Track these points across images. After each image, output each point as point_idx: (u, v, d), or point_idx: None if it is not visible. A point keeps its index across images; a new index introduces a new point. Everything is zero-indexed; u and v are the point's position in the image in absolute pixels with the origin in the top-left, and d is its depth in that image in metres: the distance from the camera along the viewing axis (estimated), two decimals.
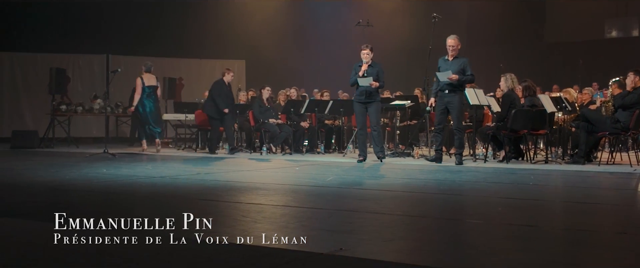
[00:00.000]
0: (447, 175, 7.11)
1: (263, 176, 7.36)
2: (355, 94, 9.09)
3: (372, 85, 8.77)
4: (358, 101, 8.99)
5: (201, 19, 16.88)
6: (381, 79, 8.94)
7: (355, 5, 17.62)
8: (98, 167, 7.91)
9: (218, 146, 11.62)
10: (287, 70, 17.26)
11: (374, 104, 8.95)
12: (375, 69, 8.93)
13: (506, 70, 10.69)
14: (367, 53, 8.92)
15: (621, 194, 5.96)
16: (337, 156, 10.51)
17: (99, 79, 15.95)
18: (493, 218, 4.32)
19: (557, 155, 9.50)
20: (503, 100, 9.26)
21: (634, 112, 8.19)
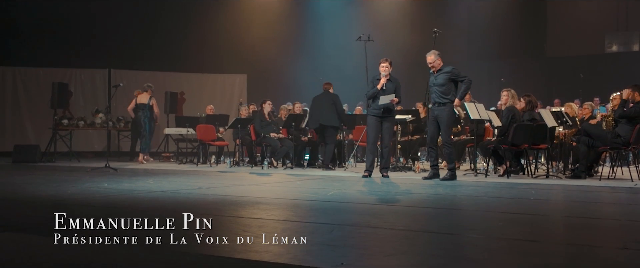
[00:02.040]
0: (448, 190, 7.11)
1: (264, 190, 7.36)
2: (372, 107, 8.92)
3: (393, 101, 8.67)
4: (373, 115, 8.84)
5: (203, 33, 16.96)
6: (399, 93, 8.84)
7: (357, 19, 17.69)
8: (99, 182, 7.91)
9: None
10: (288, 85, 17.30)
11: (390, 119, 8.88)
12: (393, 84, 8.83)
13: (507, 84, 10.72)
14: (386, 66, 8.80)
15: (622, 209, 5.95)
16: (339, 170, 10.51)
17: (101, 93, 16.00)
18: (494, 232, 4.31)
19: (558, 170, 9.50)
20: (504, 115, 9.27)
21: (635, 127, 8.20)
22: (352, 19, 17.76)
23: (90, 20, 15.76)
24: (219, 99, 16.41)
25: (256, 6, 17.99)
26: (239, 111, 12.92)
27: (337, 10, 18.20)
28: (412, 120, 11.02)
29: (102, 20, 15.83)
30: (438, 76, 8.46)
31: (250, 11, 17.88)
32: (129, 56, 16.03)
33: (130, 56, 16.04)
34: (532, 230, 4.49)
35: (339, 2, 18.41)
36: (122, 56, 15.95)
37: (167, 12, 16.60)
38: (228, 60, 17.21)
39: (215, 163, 11.94)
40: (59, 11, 15.29)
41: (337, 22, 17.83)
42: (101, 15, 15.81)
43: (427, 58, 8.58)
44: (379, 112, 8.77)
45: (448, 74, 8.38)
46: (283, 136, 11.38)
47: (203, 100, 15.58)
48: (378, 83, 8.78)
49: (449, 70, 8.41)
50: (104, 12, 15.81)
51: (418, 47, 15.85)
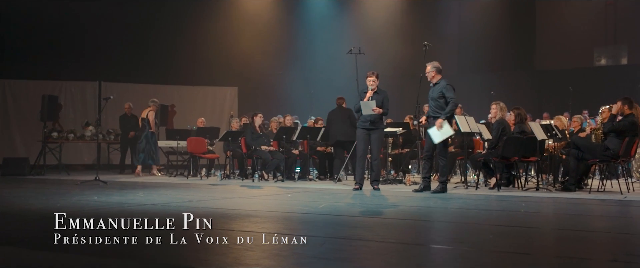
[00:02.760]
0: (439, 203, 7.12)
1: (255, 203, 7.34)
2: (360, 120, 8.99)
3: (374, 111, 8.72)
4: (362, 127, 8.90)
5: (194, 46, 16.97)
6: (386, 106, 8.85)
7: (347, 32, 17.76)
8: (89, 195, 7.87)
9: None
10: (279, 97, 17.32)
11: (378, 131, 8.89)
12: (381, 95, 8.87)
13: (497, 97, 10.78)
14: (373, 80, 8.86)
15: (612, 222, 5.98)
16: (330, 183, 10.50)
17: (91, 105, 15.94)
18: (485, 245, 4.32)
19: (548, 183, 9.53)
20: (494, 128, 9.31)
21: (624, 140, 8.25)
22: (343, 32, 17.84)
23: (80, 32, 15.73)
24: (209, 112, 16.39)
25: (247, 19, 18.04)
26: (229, 124, 12.91)
27: (328, 23, 18.27)
28: (403, 133, 11.04)
29: (93, 33, 15.81)
30: (434, 89, 8.53)
31: (241, 24, 17.92)
32: (119, 68, 16.00)
33: (121, 68, 16.01)
34: (522, 242, 4.50)
35: (329, 15, 18.48)
36: (112, 68, 15.92)
37: (158, 25, 16.61)
38: (219, 73, 17.22)
39: (206, 176, 11.91)
40: (48, 23, 15.27)
41: (328, 35, 17.89)
42: (91, 28, 15.79)
43: (426, 67, 8.66)
44: (367, 124, 8.82)
45: (442, 88, 8.43)
46: (274, 149, 11.37)
47: (194, 112, 15.55)
48: (365, 96, 8.85)
49: (443, 85, 8.46)
50: (95, 24, 15.80)
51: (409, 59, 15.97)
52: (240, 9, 18.10)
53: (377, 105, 8.72)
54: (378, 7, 18.76)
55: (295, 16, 18.66)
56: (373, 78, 8.88)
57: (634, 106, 8.47)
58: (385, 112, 8.90)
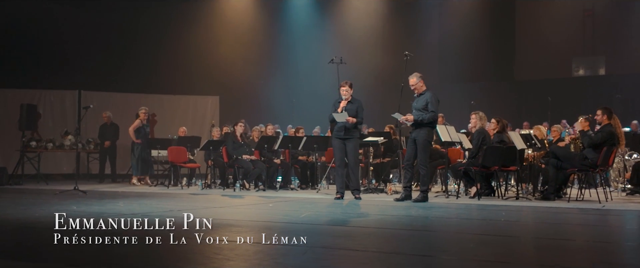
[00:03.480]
0: (420, 212, 7.15)
1: (236, 213, 7.31)
2: (335, 130, 9.03)
3: (348, 121, 8.77)
4: (337, 137, 8.94)
5: (174, 55, 16.89)
6: (360, 115, 8.88)
7: (330, 41, 17.82)
8: (68, 204, 7.78)
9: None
10: (261, 106, 17.30)
11: (353, 140, 8.91)
12: (355, 105, 8.90)
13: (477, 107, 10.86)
14: (346, 89, 8.91)
15: (591, 230, 6.04)
16: (311, 192, 10.50)
17: (70, 114, 15.79)
18: (466, 254, 4.34)
19: (527, 192, 9.61)
20: (475, 137, 9.38)
21: (602, 149, 8.35)
22: (324, 41, 17.90)
23: (60, 41, 15.59)
24: (191, 121, 16.32)
25: (229, 28, 18.03)
26: (211, 133, 12.87)
27: (310, 32, 18.32)
28: (384, 142, 11.08)
29: (72, 41, 15.68)
30: (419, 99, 8.57)
31: (223, 33, 17.90)
32: (99, 77, 15.87)
33: (101, 77, 15.88)
34: (503, 251, 4.53)
35: (311, 24, 18.54)
36: (92, 77, 15.78)
37: (139, 33, 16.52)
38: (200, 82, 17.16)
39: (187, 186, 11.85)
40: (27, 31, 15.12)
41: (309, 44, 17.95)
42: (71, 36, 15.67)
43: (409, 80, 8.67)
44: (341, 134, 8.87)
45: (427, 99, 8.48)
46: (255, 158, 11.34)
47: (175, 122, 15.47)
48: (339, 106, 8.88)
49: (429, 96, 8.50)
50: (74, 32, 15.68)
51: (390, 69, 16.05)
52: (221, 18, 18.09)
53: (351, 114, 8.77)
54: (360, 16, 18.86)
55: (277, 25, 18.70)
56: (346, 87, 8.94)
57: (613, 116, 8.59)
58: (360, 121, 8.94)
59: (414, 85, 8.62)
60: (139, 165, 12.72)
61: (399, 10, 18.94)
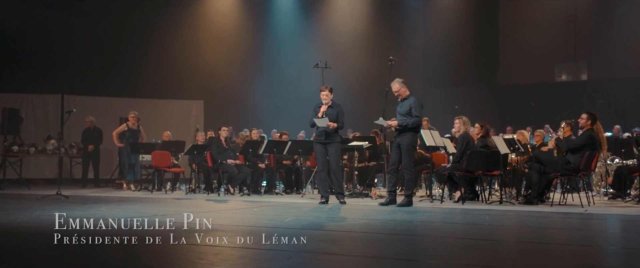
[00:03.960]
0: (405, 216, 7.16)
1: (220, 217, 7.28)
2: (315, 134, 9.07)
3: (329, 126, 8.79)
4: (318, 142, 8.98)
5: (158, 59, 16.81)
6: (340, 120, 8.91)
7: (314, 45, 17.83)
8: (50, 210, 7.70)
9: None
10: (246, 111, 17.26)
11: (334, 144, 8.94)
12: (335, 110, 8.94)
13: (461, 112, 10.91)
14: (327, 94, 8.95)
15: (573, 234, 6.09)
16: (296, 197, 10.49)
17: (53, 119, 15.66)
18: (450, 258, 4.36)
19: (511, 196, 9.66)
20: (459, 142, 9.42)
21: (584, 154, 8.42)
22: (309, 45, 17.90)
23: (42, 44, 15.47)
24: (175, 125, 16.24)
25: (213, 32, 17.98)
26: (195, 137, 12.82)
27: (295, 37, 18.32)
28: (369, 146, 11.10)
29: (55, 45, 15.57)
30: (403, 104, 8.61)
31: (207, 37, 17.86)
32: (83, 81, 15.75)
33: (84, 81, 15.77)
34: (487, 255, 4.55)
35: (296, 28, 18.54)
36: (76, 81, 15.66)
37: (123, 38, 16.44)
38: (184, 86, 17.09)
39: (171, 190, 11.79)
40: (9, 35, 14.98)
41: (294, 49, 17.94)
42: (54, 40, 15.55)
43: (392, 86, 8.69)
44: (322, 138, 8.90)
45: (411, 104, 8.51)
46: (240, 162, 11.31)
47: (159, 126, 15.40)
48: (319, 110, 8.91)
49: (412, 101, 8.53)
50: (57, 36, 15.57)
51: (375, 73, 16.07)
52: (206, 22, 18.04)
53: (332, 119, 8.80)
54: (345, 20, 18.89)
55: (261, 29, 18.68)
56: (326, 92, 8.97)
57: (596, 122, 8.67)
58: (340, 126, 8.97)
59: (397, 91, 8.66)
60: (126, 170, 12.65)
61: (384, 14, 18.99)
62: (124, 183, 12.64)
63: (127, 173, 12.60)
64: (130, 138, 12.56)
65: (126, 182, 12.58)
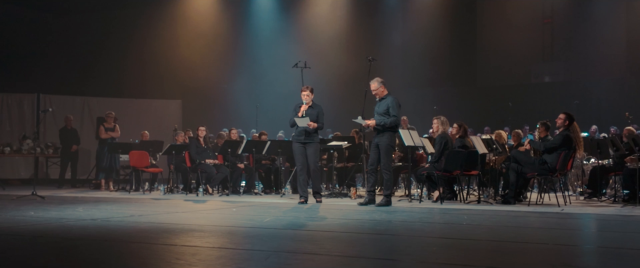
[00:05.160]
0: (384, 216, 7.17)
1: (199, 218, 7.24)
2: (295, 134, 9.08)
3: (309, 126, 8.79)
4: (297, 141, 8.99)
5: (136, 58, 16.69)
6: (321, 120, 8.95)
7: (293, 45, 17.81)
8: (25, 210, 7.61)
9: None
10: (225, 111, 17.19)
11: (313, 144, 8.95)
12: (315, 110, 8.97)
13: (440, 112, 10.96)
14: (307, 94, 8.97)
15: (550, 233, 6.14)
16: (275, 197, 10.46)
17: (28, 118, 15.46)
18: (428, 258, 4.37)
19: (489, 196, 9.74)
20: (437, 142, 9.47)
21: (560, 154, 8.51)
22: (289, 44, 17.87)
23: (18, 43, 15.27)
24: (153, 125, 16.13)
25: (191, 32, 17.88)
26: (174, 137, 12.73)
27: (275, 36, 18.28)
28: (348, 146, 11.11)
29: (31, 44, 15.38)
30: (381, 103, 8.63)
31: (186, 37, 17.75)
32: (59, 81, 15.59)
33: (60, 81, 15.60)
34: (464, 254, 4.58)
35: (275, 27, 18.50)
36: (52, 81, 15.50)
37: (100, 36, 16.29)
38: (162, 86, 16.98)
39: (149, 191, 11.69)
40: None
41: (274, 48, 17.90)
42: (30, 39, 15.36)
43: (370, 85, 8.70)
44: (302, 138, 8.91)
45: (389, 103, 8.52)
46: (219, 162, 11.26)
47: (137, 126, 15.27)
48: (299, 110, 8.93)
49: (390, 101, 8.55)
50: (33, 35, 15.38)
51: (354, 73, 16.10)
52: (184, 21, 17.94)
53: (313, 119, 8.84)
54: (324, 19, 18.89)
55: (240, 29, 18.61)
56: (307, 92, 8.99)
57: (573, 122, 8.77)
58: (320, 126, 9.00)
59: (375, 91, 8.68)
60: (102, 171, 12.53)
61: (363, 13, 19.03)
62: (102, 182, 12.51)
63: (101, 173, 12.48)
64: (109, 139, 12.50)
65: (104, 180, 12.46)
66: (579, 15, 17.90)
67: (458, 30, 18.99)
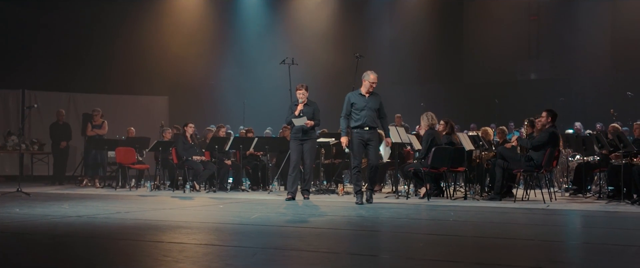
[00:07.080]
0: (371, 212, 7.19)
1: (186, 214, 7.22)
2: (292, 131, 9.08)
3: (306, 124, 8.82)
4: (294, 138, 8.99)
5: (123, 54, 16.55)
6: (317, 117, 9.01)
7: (281, 42, 17.77)
8: (10, 207, 7.55)
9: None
10: (212, 107, 17.12)
11: (310, 141, 9.00)
12: (311, 107, 9.02)
13: (426, 109, 10.99)
14: (303, 93, 9.01)
15: (536, 230, 6.19)
16: (262, 194, 10.45)
17: (13, 115, 15.31)
18: (415, 254, 4.39)
19: (475, 192, 9.78)
20: (424, 138, 9.49)
21: (546, 151, 8.57)
22: (276, 41, 17.84)
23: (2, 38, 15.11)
24: (139, 122, 16.02)
25: (178, 28, 17.76)
26: (161, 134, 12.64)
27: (262, 33, 18.24)
28: (336, 143, 11.11)
29: (16, 39, 15.21)
30: (371, 99, 8.40)
31: (172, 33, 17.64)
32: (44, 77, 15.43)
33: (46, 77, 15.45)
34: (451, 250, 4.60)
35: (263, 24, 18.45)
36: (37, 77, 15.33)
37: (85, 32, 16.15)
38: (149, 82, 16.88)
39: (135, 187, 11.63)
40: None
41: (261, 45, 17.86)
42: (14, 34, 15.20)
43: (370, 76, 8.37)
44: (299, 135, 8.93)
45: (380, 100, 8.48)
46: (206, 159, 11.22)
47: (124, 122, 15.16)
48: (296, 109, 8.95)
49: (378, 97, 8.50)
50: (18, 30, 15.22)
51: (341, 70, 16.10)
52: (171, 17, 17.81)
53: (308, 116, 8.87)
54: (311, 16, 18.87)
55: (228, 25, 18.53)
56: (302, 91, 9.02)
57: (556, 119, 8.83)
58: (317, 123, 9.04)
59: (373, 82, 8.40)
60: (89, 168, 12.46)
61: (350, 9, 19.03)
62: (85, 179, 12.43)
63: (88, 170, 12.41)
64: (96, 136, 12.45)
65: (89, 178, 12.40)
66: (565, 12, 18.01)
67: (445, 28, 19.05)
